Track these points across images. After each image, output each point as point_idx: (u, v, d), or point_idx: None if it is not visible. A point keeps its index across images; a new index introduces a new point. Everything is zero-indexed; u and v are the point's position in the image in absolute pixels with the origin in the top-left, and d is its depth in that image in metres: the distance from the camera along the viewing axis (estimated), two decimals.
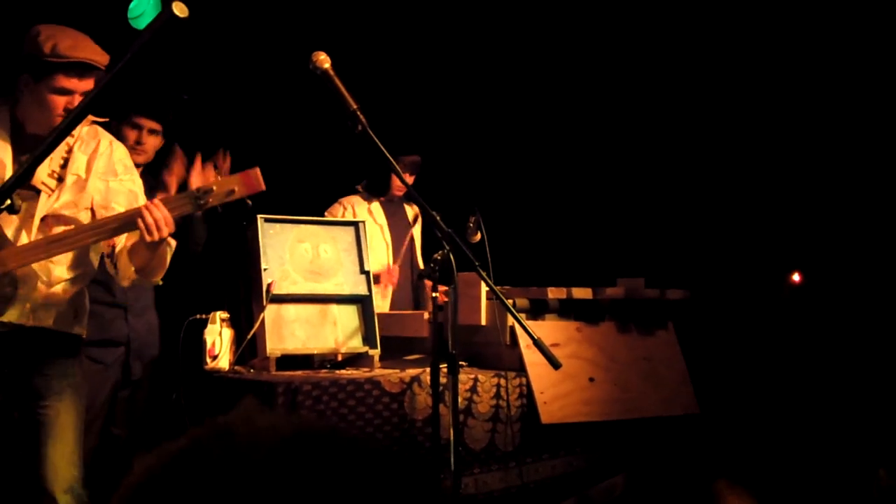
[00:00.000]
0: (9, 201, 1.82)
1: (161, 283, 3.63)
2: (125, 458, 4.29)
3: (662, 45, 5.88)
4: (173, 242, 3.46)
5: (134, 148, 4.32)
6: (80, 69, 3.34)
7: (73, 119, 1.78)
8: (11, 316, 3.45)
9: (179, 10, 1.95)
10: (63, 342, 3.57)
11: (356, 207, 5.27)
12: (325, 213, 5.18)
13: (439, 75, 6.30)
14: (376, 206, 5.34)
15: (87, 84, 3.38)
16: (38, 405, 3.49)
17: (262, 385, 3.67)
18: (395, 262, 5.27)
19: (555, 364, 3.02)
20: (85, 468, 3.58)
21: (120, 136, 3.99)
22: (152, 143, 4.43)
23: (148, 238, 3.21)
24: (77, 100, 3.38)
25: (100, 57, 3.38)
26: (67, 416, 3.52)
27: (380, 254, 5.26)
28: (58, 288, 3.49)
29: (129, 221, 3.24)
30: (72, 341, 3.60)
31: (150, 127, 4.40)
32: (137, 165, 4.27)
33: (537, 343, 3.02)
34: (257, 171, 3.26)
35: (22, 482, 3.43)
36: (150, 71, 2.00)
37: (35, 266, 3.39)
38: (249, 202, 3.31)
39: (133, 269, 3.42)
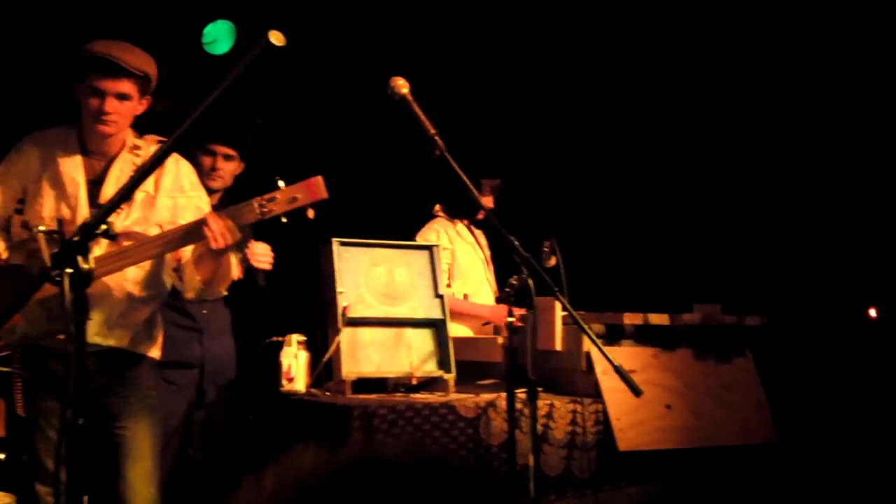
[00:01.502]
0: (104, 226, 1.83)
1: (225, 293, 3.64)
2: (201, 479, 4.32)
3: (742, 74, 5.81)
4: (235, 258, 3.50)
5: (209, 174, 4.37)
6: (108, 67, 3.39)
7: (173, 142, 1.79)
8: (87, 335, 3.50)
9: (277, 39, 1.96)
10: (139, 363, 3.61)
11: (447, 230, 5.24)
12: (416, 237, 5.13)
13: (514, 98, 6.29)
14: (462, 227, 5.30)
15: (119, 85, 3.43)
16: (116, 426, 3.54)
17: (338, 408, 3.67)
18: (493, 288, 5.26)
19: (636, 391, 2.98)
20: (162, 489, 3.62)
21: (195, 163, 4.05)
22: (229, 168, 4.46)
23: (213, 246, 3.24)
24: (110, 102, 3.43)
25: (132, 59, 3.42)
26: (145, 436, 3.55)
27: (477, 273, 5.24)
28: (132, 308, 3.54)
29: (194, 231, 3.28)
30: (147, 363, 3.65)
31: (224, 153, 4.44)
32: (214, 192, 4.32)
33: (618, 370, 2.98)
34: (320, 179, 3.28)
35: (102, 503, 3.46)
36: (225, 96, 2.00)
37: (110, 285, 3.44)
38: (312, 212, 3.32)
39: (198, 279, 3.46)
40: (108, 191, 3.53)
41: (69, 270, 1.91)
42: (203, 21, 5.95)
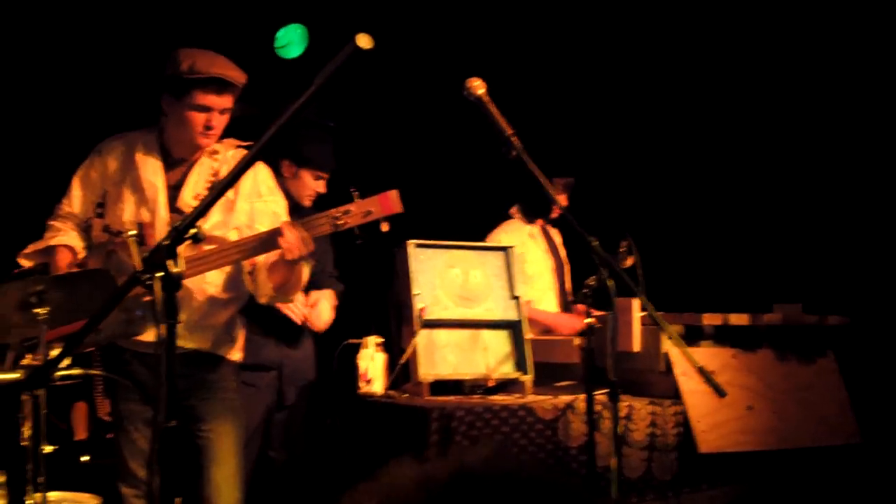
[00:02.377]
0: (194, 230, 1.85)
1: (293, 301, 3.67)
2: (282, 481, 4.35)
3: (829, 78, 5.71)
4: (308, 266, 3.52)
5: (310, 196, 4.45)
6: (217, 85, 3.48)
7: (259, 148, 1.80)
8: (154, 336, 3.55)
9: (364, 42, 1.96)
10: (220, 366, 3.66)
11: (519, 233, 5.20)
12: (488, 239, 5.08)
13: (587, 93, 6.24)
14: (536, 230, 5.28)
15: (225, 101, 3.51)
16: (200, 429, 3.58)
17: (416, 410, 3.68)
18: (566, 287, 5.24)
19: (720, 392, 2.94)
20: (244, 490, 3.65)
21: (302, 183, 4.17)
22: (322, 188, 4.52)
23: (287, 257, 3.27)
24: (215, 117, 3.50)
25: (236, 74, 3.50)
26: (228, 438, 3.59)
27: (544, 281, 5.21)
28: (213, 310, 3.58)
29: (269, 240, 3.32)
30: (229, 365, 3.68)
31: (326, 178, 4.51)
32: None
33: (702, 371, 2.94)
34: (395, 192, 3.31)
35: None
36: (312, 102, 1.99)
37: (191, 288, 3.49)
38: (386, 226, 3.33)
39: (271, 286, 3.50)
40: (188, 195, 3.58)
41: (160, 274, 1.92)
42: (276, 25, 6.00)
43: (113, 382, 3.76)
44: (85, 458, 4.98)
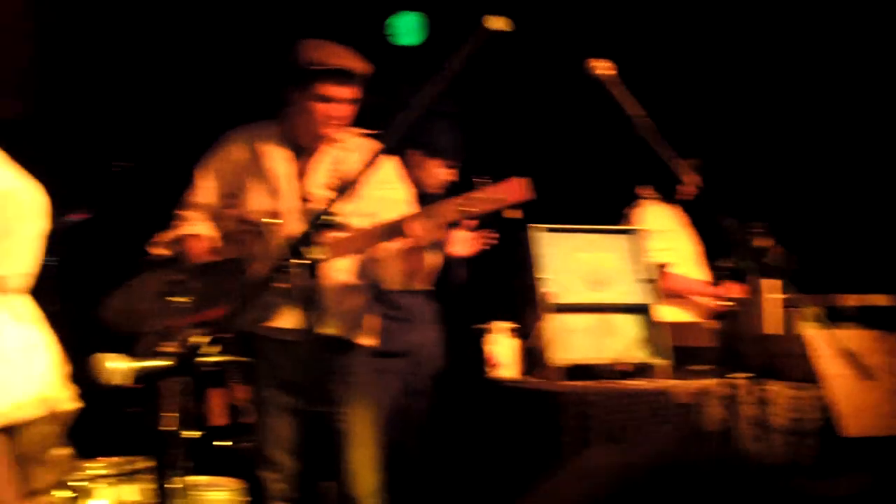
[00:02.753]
0: (332, 218, 1.86)
1: (424, 287, 3.67)
2: (413, 467, 4.37)
3: None
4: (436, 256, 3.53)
5: (440, 186, 4.45)
6: (341, 76, 3.49)
7: (395, 136, 1.80)
8: (296, 321, 3.60)
9: (500, 24, 1.93)
10: (354, 351, 3.69)
11: (659, 212, 5.13)
12: (627, 219, 5.00)
13: (720, 74, 6.10)
14: (674, 210, 5.19)
15: (348, 91, 3.53)
16: (336, 413, 3.62)
17: (548, 395, 3.66)
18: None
19: (867, 374, 2.84)
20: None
21: (429, 172, 4.19)
22: (452, 177, 4.53)
23: (414, 244, 3.29)
24: (339, 107, 3.52)
25: (359, 65, 3.51)
26: (364, 423, 3.62)
27: (688, 258, 5.15)
28: (345, 297, 3.62)
29: (397, 228, 3.32)
30: (362, 351, 3.71)
31: (456, 166, 4.51)
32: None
33: (847, 354, 2.85)
34: (523, 180, 3.27)
35: (324, 488, 3.55)
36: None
37: (323, 275, 3.52)
38: (517, 213, 3.31)
39: (397, 273, 3.51)
40: (314, 183, 3.62)
41: (300, 261, 1.94)
42: (390, 12, 6.01)
43: (249, 369, 3.83)
44: (221, 444, 5.08)
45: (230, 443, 4.93)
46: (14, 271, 1.63)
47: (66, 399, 1.71)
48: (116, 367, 2.64)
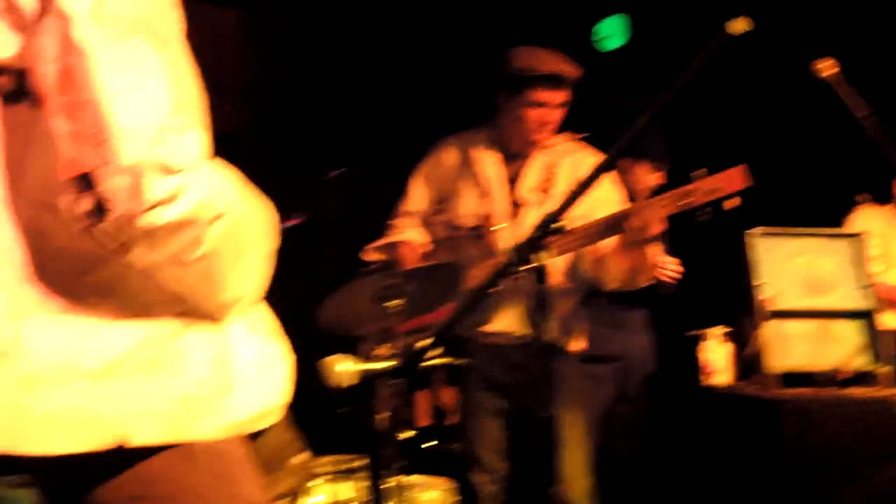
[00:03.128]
0: (560, 223, 1.85)
1: (645, 284, 3.59)
2: (625, 473, 4.32)
3: None
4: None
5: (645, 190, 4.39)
6: (552, 81, 3.49)
7: (632, 136, 1.78)
8: (505, 325, 3.63)
9: (744, 26, 1.87)
10: (564, 356, 3.67)
11: (878, 217, 4.92)
12: (844, 224, 4.84)
13: None
14: (887, 213, 4.97)
15: (560, 96, 3.53)
16: (547, 417, 3.61)
17: (766, 403, 3.55)
18: None
19: None
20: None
21: (636, 177, 4.14)
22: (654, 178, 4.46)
23: (634, 238, 3.24)
24: (551, 112, 3.52)
25: (570, 69, 3.50)
26: (576, 427, 3.60)
27: None
28: (556, 300, 3.60)
29: (615, 224, 3.29)
30: (572, 355, 3.69)
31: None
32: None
33: None
34: (742, 168, 3.18)
35: (536, 493, 3.55)
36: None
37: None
38: (733, 203, 3.21)
39: (619, 270, 3.45)
40: (525, 188, 3.63)
41: (527, 266, 1.94)
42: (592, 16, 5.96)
43: (458, 371, 3.87)
44: (428, 445, 5.15)
45: (438, 444, 5.01)
46: (248, 291, 1.68)
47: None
48: (346, 369, 2.72)
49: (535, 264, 1.95)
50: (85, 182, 1.41)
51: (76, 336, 1.51)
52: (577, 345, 3.73)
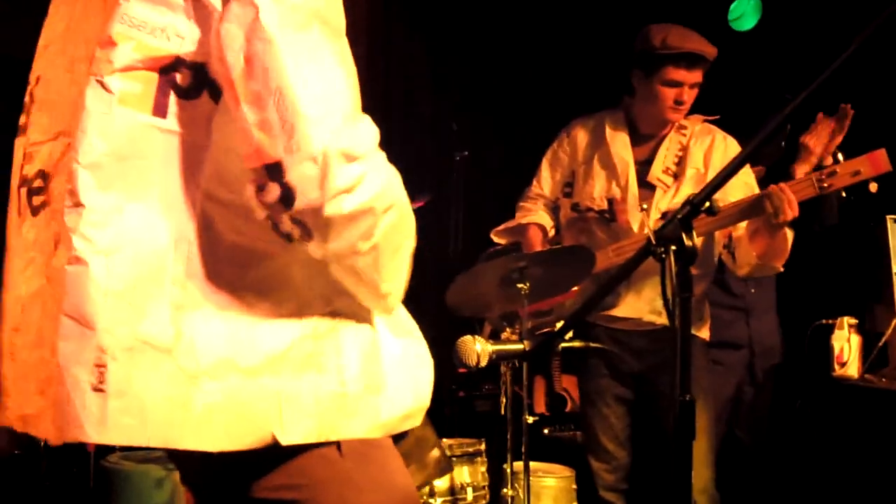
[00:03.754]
0: (708, 203, 1.81)
1: (781, 269, 3.50)
2: (748, 462, 4.23)
3: None
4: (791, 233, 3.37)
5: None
6: (689, 60, 3.46)
7: (787, 115, 1.71)
8: (633, 311, 3.58)
9: None
10: (690, 343, 3.60)
11: None
12: None
13: None
14: None
15: (696, 76, 3.49)
16: (690, 401, 3.55)
17: None
18: None
19: None
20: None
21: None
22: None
23: (774, 220, 3.17)
24: (686, 92, 3.47)
25: (708, 48, 3.45)
26: (700, 416, 3.51)
27: None
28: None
29: (752, 206, 3.24)
30: (697, 342, 3.63)
31: None
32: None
33: None
34: (883, 152, 3.11)
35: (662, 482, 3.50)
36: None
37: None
38: (875, 186, 3.13)
39: (754, 254, 3.39)
40: (657, 169, 3.59)
41: (674, 247, 1.90)
42: None
43: (577, 358, 3.84)
44: (545, 431, 5.14)
45: (557, 431, 4.99)
46: (397, 287, 1.68)
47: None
48: (482, 348, 2.72)
49: (683, 246, 1.90)
50: (273, 170, 1.42)
51: (236, 332, 1.53)
52: (704, 331, 3.68)
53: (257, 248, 1.54)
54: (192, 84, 1.51)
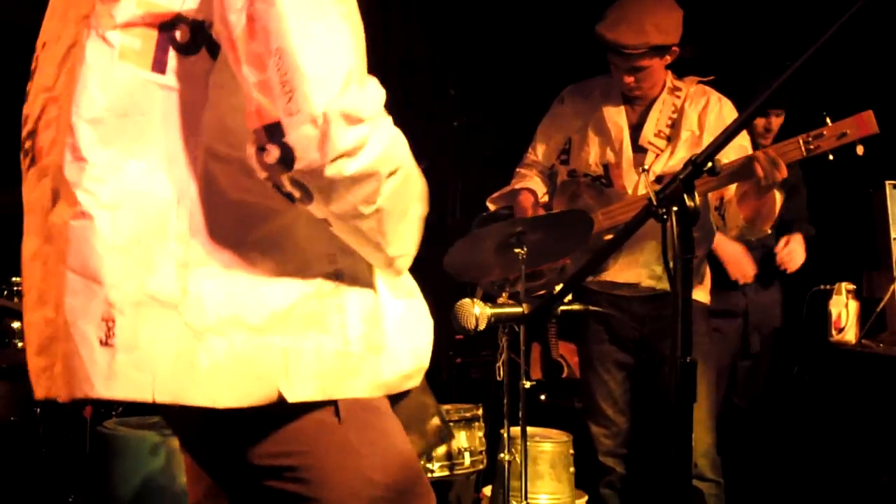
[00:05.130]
0: (710, 164, 1.79)
1: (769, 232, 3.50)
2: (746, 427, 4.25)
3: None
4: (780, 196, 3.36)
5: (763, 135, 4.25)
6: (615, 51, 3.44)
7: (788, 77, 1.69)
8: (631, 277, 3.57)
9: None
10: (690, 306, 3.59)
11: None
12: None
13: None
14: None
15: (632, 63, 3.45)
16: (691, 363, 3.54)
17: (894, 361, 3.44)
18: None
19: None
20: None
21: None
22: (778, 123, 4.31)
23: (763, 183, 3.14)
24: (627, 79, 3.50)
25: (634, 39, 3.40)
26: (701, 381, 3.51)
27: None
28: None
29: (740, 170, 3.20)
30: (696, 307, 3.61)
31: (776, 113, 4.30)
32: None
33: None
34: (870, 113, 3.06)
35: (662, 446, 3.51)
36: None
37: (657, 228, 3.43)
38: (861, 149, 3.11)
39: (742, 217, 3.37)
40: (649, 132, 3.57)
41: (675, 208, 1.89)
42: None
43: (575, 324, 3.83)
44: (542, 398, 5.14)
45: (553, 398, 4.99)
46: (407, 251, 1.66)
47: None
48: (480, 312, 2.70)
49: (685, 207, 1.88)
50: (273, 131, 1.41)
51: (240, 290, 1.51)
52: (703, 295, 3.67)
53: (261, 205, 1.53)
54: (191, 41, 1.50)
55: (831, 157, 3.13)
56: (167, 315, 1.46)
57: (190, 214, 1.49)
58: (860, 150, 3.11)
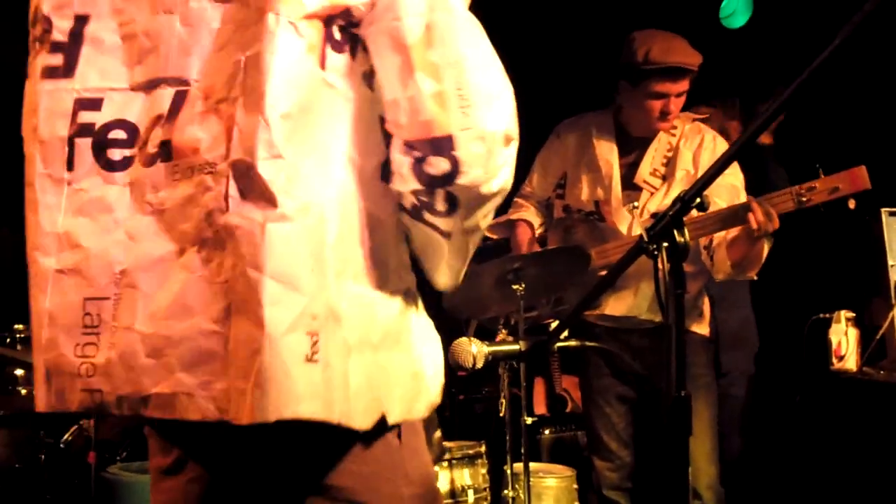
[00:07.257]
0: (699, 200, 1.81)
1: (755, 278, 3.52)
2: (749, 457, 4.24)
3: None
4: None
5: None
6: (674, 74, 3.42)
7: (775, 111, 1.71)
8: (630, 310, 3.58)
9: None
10: (690, 341, 3.59)
11: None
12: None
13: None
14: None
15: (681, 86, 3.46)
16: (685, 397, 3.55)
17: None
18: None
19: None
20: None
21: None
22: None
23: (755, 234, 3.18)
24: (672, 102, 3.49)
25: (691, 59, 3.44)
26: (703, 414, 3.53)
27: None
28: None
29: (733, 215, 3.24)
30: (697, 340, 3.62)
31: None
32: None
33: None
34: (863, 169, 3.12)
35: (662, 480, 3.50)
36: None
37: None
38: (853, 203, 3.15)
39: (729, 263, 3.40)
40: (645, 171, 3.59)
41: (665, 244, 1.91)
42: None
43: (577, 358, 3.84)
44: (547, 432, 5.13)
45: (558, 432, 4.98)
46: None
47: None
48: (478, 350, 2.72)
49: (675, 242, 1.90)
50: (441, 144, 1.39)
51: (366, 304, 1.47)
52: (704, 328, 3.68)
53: (374, 215, 1.50)
54: (343, 37, 1.45)
55: (822, 209, 3.19)
56: (336, 330, 1.41)
57: (339, 221, 1.44)
58: (852, 204, 3.16)
